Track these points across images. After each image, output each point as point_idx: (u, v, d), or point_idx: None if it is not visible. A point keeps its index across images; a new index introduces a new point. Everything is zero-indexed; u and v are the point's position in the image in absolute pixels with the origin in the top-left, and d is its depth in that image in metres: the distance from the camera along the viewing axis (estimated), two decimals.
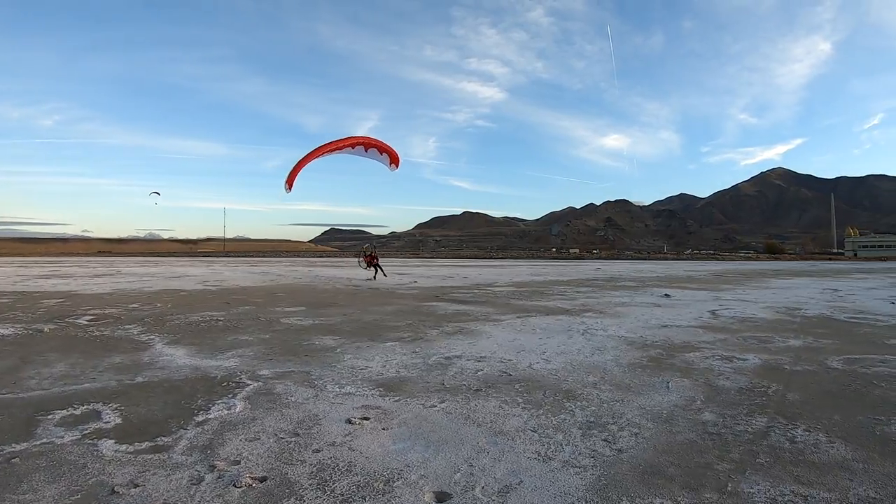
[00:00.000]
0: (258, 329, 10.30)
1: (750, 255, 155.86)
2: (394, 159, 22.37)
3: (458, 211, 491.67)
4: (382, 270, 26.69)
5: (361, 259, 27.77)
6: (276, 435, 4.43)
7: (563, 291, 20.87)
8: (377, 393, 5.82)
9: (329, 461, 3.95)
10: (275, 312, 12.99)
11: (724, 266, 66.83)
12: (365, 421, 4.83)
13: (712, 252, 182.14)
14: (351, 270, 40.11)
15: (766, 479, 3.75)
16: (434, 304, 15.62)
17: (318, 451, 4.14)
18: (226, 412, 5.05)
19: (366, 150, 21.86)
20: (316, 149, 20.70)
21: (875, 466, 3.98)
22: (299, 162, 20.52)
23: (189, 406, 5.24)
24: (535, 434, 4.58)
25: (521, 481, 3.67)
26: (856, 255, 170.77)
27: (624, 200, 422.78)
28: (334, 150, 21.25)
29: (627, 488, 3.61)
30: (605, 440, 4.46)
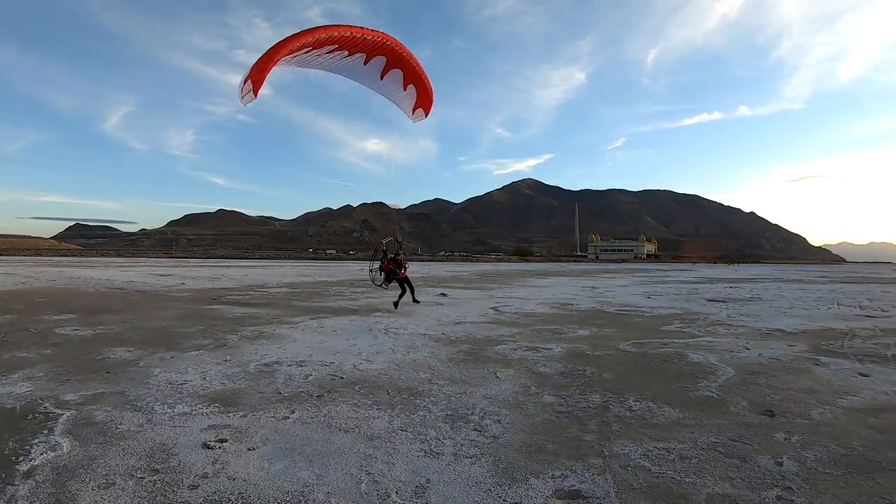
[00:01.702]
0: (34, 343, 8.97)
1: (501, 257, 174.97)
2: (426, 98, 13.41)
3: (212, 208, 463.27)
4: (411, 288, 15.52)
5: (376, 269, 15.11)
6: (132, 476, 3.88)
7: (339, 292, 21.42)
8: (216, 410, 5.42)
9: (216, 497, 3.57)
10: (44, 322, 11.46)
11: (480, 267, 74.18)
12: (224, 443, 4.48)
13: (466, 254, 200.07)
14: (106, 271, 34.90)
15: (630, 442, 4.59)
16: (216, 307, 15.08)
17: (194, 486, 3.71)
18: (52, 454, 4.20)
19: (381, 78, 12.59)
20: (297, 35, 10.79)
21: (704, 420, 5.19)
22: (272, 50, 10.79)
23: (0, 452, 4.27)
24: (408, 433, 4.79)
25: (429, 479, 3.87)
26: (597, 257, 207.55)
27: (380, 203, 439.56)
28: (322, 43, 11.16)
29: (525, 467, 4.08)
30: (475, 430, 4.88)
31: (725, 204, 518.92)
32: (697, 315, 14.38)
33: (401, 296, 15.14)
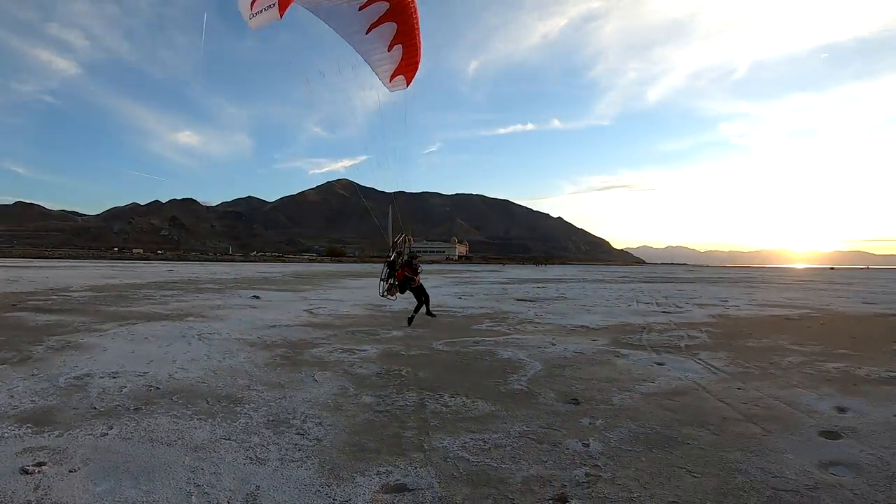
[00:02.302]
0: None
1: (314, 258, 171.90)
2: (411, 64, 10.89)
3: (9, 200, 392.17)
4: (427, 299, 13.04)
5: (388, 279, 12.31)
6: None
7: (148, 295, 19.88)
8: (29, 431, 4.85)
9: None
10: None
11: (293, 268, 72.35)
12: (42, 467, 4.06)
13: (278, 254, 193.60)
14: None
15: (447, 435, 4.88)
16: (17, 314, 13.42)
17: None
18: None
19: (366, 32, 10.24)
20: None
21: (515, 411, 5.68)
22: None
23: None
24: (233, 442, 4.64)
25: (258, 486, 3.81)
26: None
27: (191, 200, 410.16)
28: None
29: (350, 466, 4.16)
30: (298, 434, 4.86)
31: (535, 209, 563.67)
32: (507, 314, 15.49)
33: (417, 309, 12.67)
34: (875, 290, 31.46)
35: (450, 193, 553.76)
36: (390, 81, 10.90)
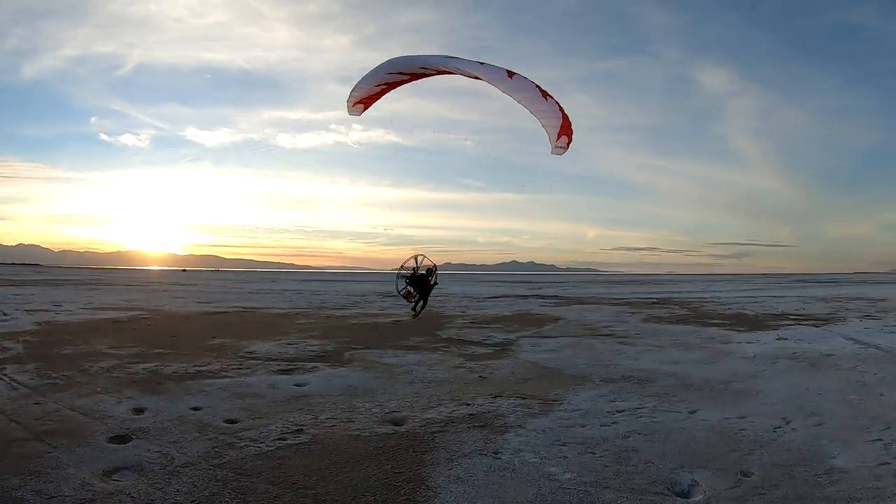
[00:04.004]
0: None
1: None
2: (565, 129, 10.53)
3: None
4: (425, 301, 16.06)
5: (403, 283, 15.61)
6: None
7: None
8: None
9: None
10: None
11: None
12: None
13: None
14: None
15: None
16: None
17: None
18: None
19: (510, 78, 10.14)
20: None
21: None
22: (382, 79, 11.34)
23: None
24: None
25: None
26: None
27: None
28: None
29: None
30: None
31: None
32: None
33: (418, 309, 15.94)
34: (213, 291, 34.40)
35: None
36: (555, 143, 10.75)
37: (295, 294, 30.08)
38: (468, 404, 6.63)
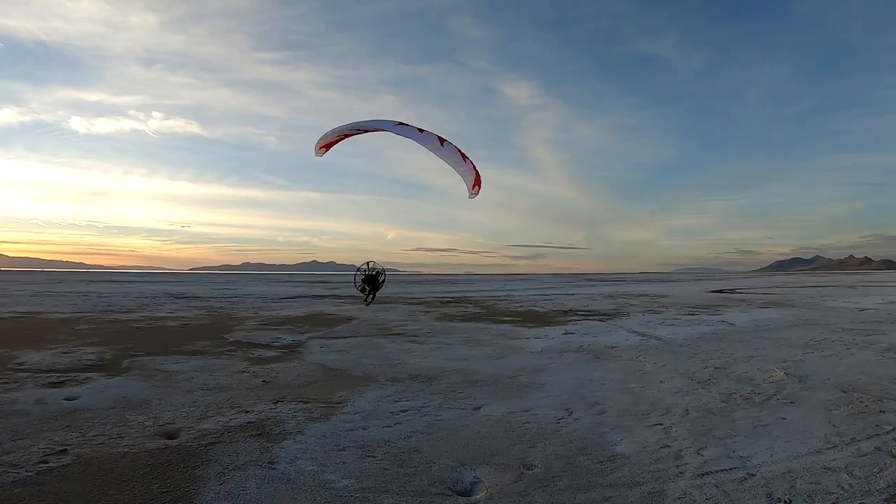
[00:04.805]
0: None
1: None
2: (477, 181, 15.69)
3: None
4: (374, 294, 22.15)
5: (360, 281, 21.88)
6: None
7: None
8: None
9: None
10: None
11: None
12: None
13: None
14: None
15: None
16: None
17: None
18: None
19: (441, 145, 15.01)
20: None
21: None
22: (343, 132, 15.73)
23: None
24: None
25: None
26: None
27: None
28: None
29: None
30: None
31: None
32: None
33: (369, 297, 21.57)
34: None
35: None
36: (471, 190, 15.66)
37: (80, 297, 26.18)
38: (248, 412, 5.90)
